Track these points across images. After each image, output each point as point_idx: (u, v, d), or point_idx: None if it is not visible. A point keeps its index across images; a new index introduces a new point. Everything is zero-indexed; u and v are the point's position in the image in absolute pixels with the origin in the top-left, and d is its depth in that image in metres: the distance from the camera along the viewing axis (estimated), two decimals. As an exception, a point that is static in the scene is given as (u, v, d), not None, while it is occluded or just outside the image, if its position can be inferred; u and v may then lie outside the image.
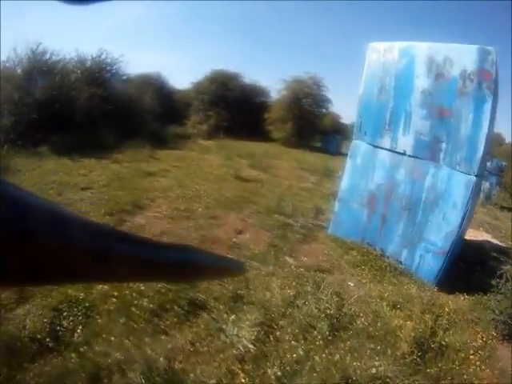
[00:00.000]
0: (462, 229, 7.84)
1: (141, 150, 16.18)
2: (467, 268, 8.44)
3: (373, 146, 8.83)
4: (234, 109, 31.22)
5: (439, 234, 7.71)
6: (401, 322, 6.01)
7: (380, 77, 8.57)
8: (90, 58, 20.73)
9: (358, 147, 9.10)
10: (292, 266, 7.58)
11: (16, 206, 0.23)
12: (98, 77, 20.24)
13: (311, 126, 32.02)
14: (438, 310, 6.60)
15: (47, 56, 17.47)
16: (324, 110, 35.06)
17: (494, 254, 9.36)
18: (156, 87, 30.24)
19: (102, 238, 0.29)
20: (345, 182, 9.46)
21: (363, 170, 8.98)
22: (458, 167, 7.53)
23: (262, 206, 11.21)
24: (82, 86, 18.49)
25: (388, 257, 8.51)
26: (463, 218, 7.60)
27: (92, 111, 17.95)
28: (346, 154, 27.01)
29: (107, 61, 21.60)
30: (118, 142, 16.52)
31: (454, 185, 7.61)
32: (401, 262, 8.30)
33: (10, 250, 0.22)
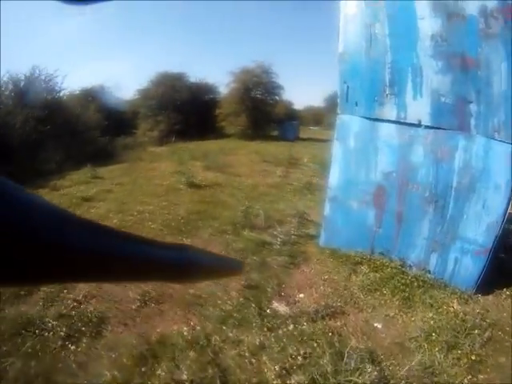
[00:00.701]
0: (506, 217, 5.35)
1: (84, 171, 14.00)
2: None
3: (370, 119, 6.10)
4: (184, 110, 29.31)
5: (479, 227, 5.46)
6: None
7: (366, 24, 5.83)
8: (22, 77, 18.20)
9: (348, 124, 6.40)
10: (288, 322, 4.81)
11: (16, 205, 0.23)
12: (33, 97, 17.66)
13: (265, 116, 30.06)
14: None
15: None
16: (277, 98, 32.48)
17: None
18: (100, 100, 27.78)
19: (101, 237, 0.29)
20: (335, 175, 6.83)
21: (361, 155, 6.40)
22: (496, 135, 5.14)
23: (226, 220, 8.56)
24: (16, 109, 16.47)
25: (411, 267, 6.19)
26: (508, 203, 5.21)
27: (29, 136, 15.93)
28: (305, 139, 24.94)
29: (41, 78, 19.11)
30: (62, 165, 14.77)
31: (494, 159, 5.19)
32: (429, 272, 6.03)
33: (11, 249, 0.22)
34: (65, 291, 5.17)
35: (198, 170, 14.69)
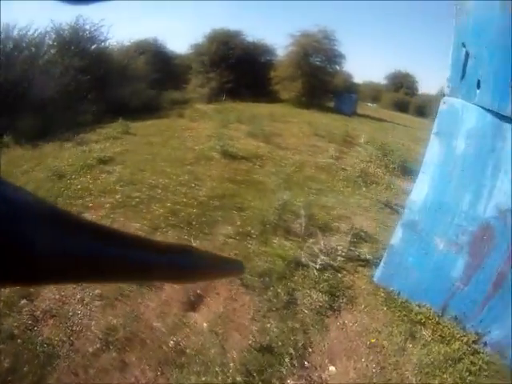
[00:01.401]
0: None
1: (117, 125, 12.45)
2: None
3: (497, 114, 3.47)
4: (237, 69, 26.99)
5: None
6: None
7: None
8: (66, 26, 17.01)
9: (459, 115, 3.79)
10: None
11: (14, 206, 0.22)
12: (76, 46, 16.77)
13: (323, 84, 26.73)
14: None
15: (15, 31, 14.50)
16: (337, 67, 28.73)
17: None
18: (152, 53, 27.21)
19: (100, 238, 0.27)
20: (421, 191, 4.32)
21: (471, 169, 3.81)
22: None
23: (254, 215, 6.37)
24: (57, 58, 15.58)
25: (488, 348, 3.90)
26: None
27: (67, 86, 14.77)
28: (362, 116, 21.82)
29: (85, 27, 17.72)
30: (100, 117, 13.76)
31: None
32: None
33: (8, 250, 0.21)
34: (24, 300, 3.93)
35: (240, 136, 12.68)
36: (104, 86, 16.22)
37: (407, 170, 10.53)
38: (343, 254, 5.18)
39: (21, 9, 16.73)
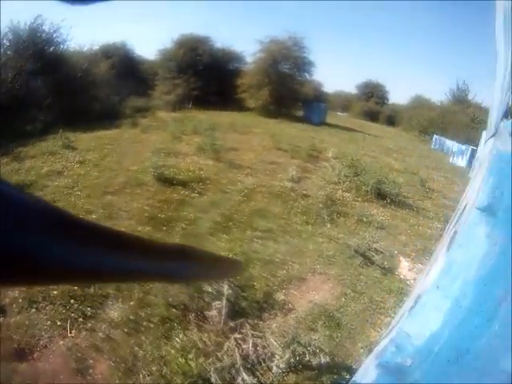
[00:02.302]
0: None
1: (57, 139, 10.75)
2: None
3: None
4: (205, 76, 25.21)
5: None
6: None
7: None
8: (24, 27, 15.35)
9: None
10: None
11: (13, 206, 0.21)
12: (32, 48, 15.00)
13: (291, 93, 24.67)
14: None
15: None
16: (306, 75, 26.78)
17: None
18: (119, 57, 25.77)
19: (100, 240, 0.26)
20: (428, 318, 1.48)
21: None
22: None
23: (158, 292, 4.10)
24: (12, 61, 14.00)
25: None
26: None
27: (19, 90, 13.37)
28: (332, 126, 19.61)
29: (44, 28, 15.93)
30: (52, 126, 11.89)
31: None
32: None
33: (8, 251, 0.20)
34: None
35: (189, 152, 10.43)
36: (61, 92, 14.37)
37: (382, 193, 8.35)
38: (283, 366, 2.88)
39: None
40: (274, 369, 3.10)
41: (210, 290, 3.85)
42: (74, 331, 3.42)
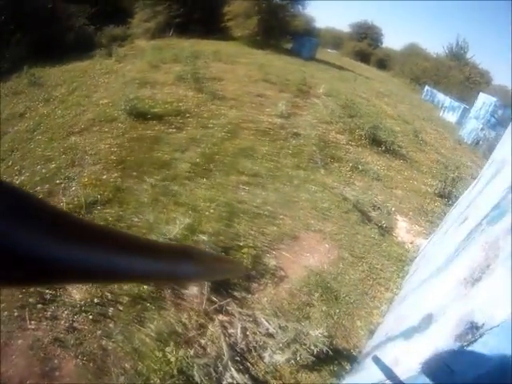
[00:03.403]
0: None
1: (22, 76, 9.90)
2: None
3: None
4: (188, 2, 22.72)
5: None
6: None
7: None
8: None
9: None
10: None
11: (13, 204, 0.21)
12: None
13: (281, 24, 22.70)
14: None
15: None
16: (300, 7, 24.65)
17: None
18: None
19: (101, 240, 0.26)
20: None
21: None
22: None
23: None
24: None
25: None
26: None
27: None
28: (321, 62, 18.18)
29: None
30: (19, 62, 10.83)
31: None
32: None
33: (8, 250, 0.20)
34: None
35: (167, 81, 9.22)
36: (30, 25, 13.22)
37: (377, 139, 7.61)
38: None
39: None
40: (267, 358, 2.45)
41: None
42: (33, 322, 2.70)
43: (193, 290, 2.94)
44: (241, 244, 3.48)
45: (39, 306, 2.79)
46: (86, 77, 9.91)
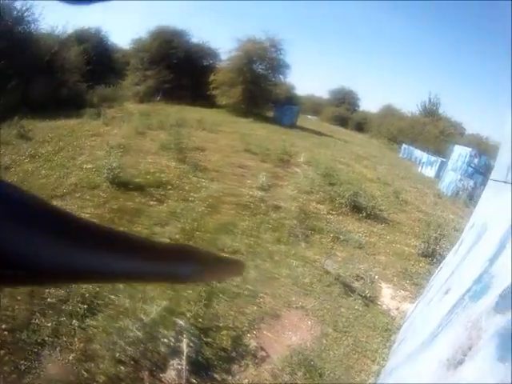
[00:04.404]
0: None
1: (12, 127, 9.62)
2: None
3: None
4: (177, 70, 24.53)
5: None
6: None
7: None
8: None
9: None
10: None
11: (13, 206, 0.21)
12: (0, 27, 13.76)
13: (264, 93, 23.99)
14: None
15: None
16: (281, 77, 26.17)
17: None
18: (92, 43, 24.27)
19: (101, 240, 0.26)
20: None
21: None
22: None
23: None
24: None
25: None
26: None
27: None
28: (302, 129, 18.81)
29: (16, 5, 14.78)
30: (13, 111, 10.72)
31: None
32: None
33: (8, 250, 0.20)
34: None
35: (151, 149, 9.46)
36: (26, 75, 13.33)
37: (358, 206, 7.76)
38: None
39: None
40: None
41: (165, 339, 3.03)
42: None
43: (171, 373, 2.86)
44: (220, 325, 3.44)
45: (13, 376, 2.63)
46: (74, 137, 9.96)
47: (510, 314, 1.28)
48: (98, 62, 22.05)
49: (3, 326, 2.93)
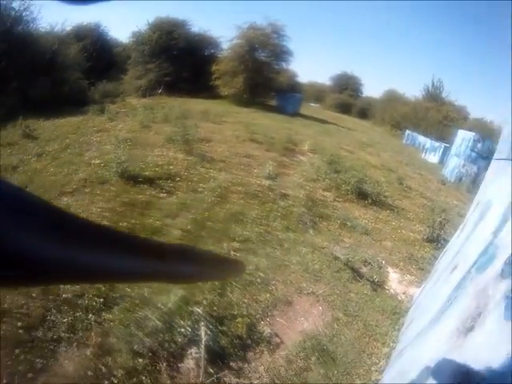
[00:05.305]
0: None
1: (17, 127, 9.71)
2: None
3: None
4: (178, 61, 24.16)
5: None
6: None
7: None
8: None
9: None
10: None
11: (14, 204, 0.21)
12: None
13: (266, 82, 23.68)
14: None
15: None
16: (283, 64, 25.72)
17: None
18: (92, 39, 24.87)
19: (100, 240, 0.26)
20: None
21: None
22: None
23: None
24: None
25: None
26: None
27: None
28: (306, 117, 18.91)
29: (14, 6, 14.80)
30: (17, 111, 10.91)
31: None
32: None
33: (8, 250, 0.20)
34: None
35: (158, 142, 9.41)
36: (27, 74, 13.38)
37: (363, 193, 7.83)
38: None
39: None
40: None
41: (182, 329, 3.13)
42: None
43: (189, 362, 2.96)
44: (235, 313, 3.54)
45: (30, 374, 2.65)
46: (79, 134, 9.94)
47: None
48: (98, 58, 22.27)
49: (19, 324, 2.98)
